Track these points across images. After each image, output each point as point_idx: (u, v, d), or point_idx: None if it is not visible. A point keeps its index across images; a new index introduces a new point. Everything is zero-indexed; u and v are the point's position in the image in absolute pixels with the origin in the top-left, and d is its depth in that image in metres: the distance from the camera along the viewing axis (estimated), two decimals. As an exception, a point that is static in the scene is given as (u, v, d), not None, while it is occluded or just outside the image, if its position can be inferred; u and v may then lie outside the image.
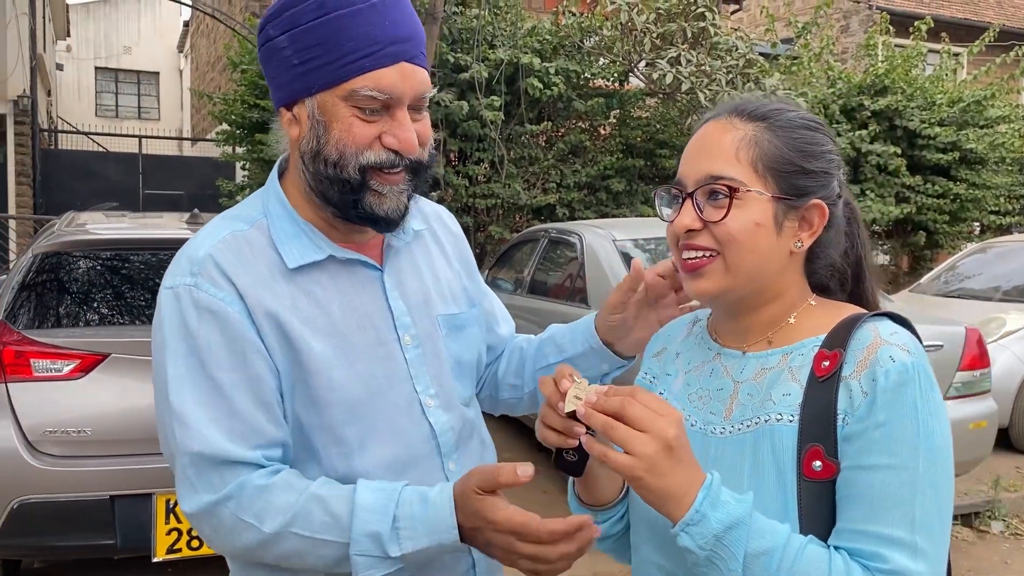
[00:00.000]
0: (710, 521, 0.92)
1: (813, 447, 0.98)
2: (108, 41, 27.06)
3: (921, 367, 0.97)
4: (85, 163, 14.83)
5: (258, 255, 1.20)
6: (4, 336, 3.26)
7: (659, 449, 0.92)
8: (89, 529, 3.18)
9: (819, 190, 1.06)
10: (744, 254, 1.03)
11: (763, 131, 1.05)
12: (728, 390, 1.08)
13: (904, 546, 0.93)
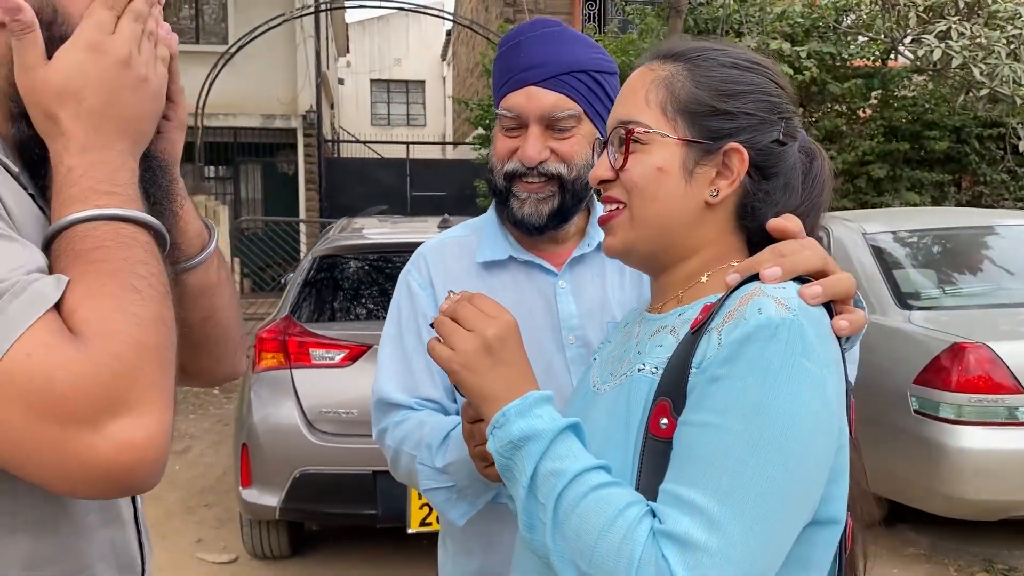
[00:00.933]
0: (512, 427, 0.89)
1: (662, 401, 0.88)
2: (381, 54, 29.55)
3: (795, 325, 0.83)
4: (362, 169, 16.33)
5: (463, 255, 1.43)
6: (289, 329, 3.77)
7: (478, 347, 0.92)
8: (355, 499, 3.60)
9: (740, 133, 0.95)
10: (647, 202, 0.95)
11: (680, 72, 0.97)
12: (630, 351, 1.01)
13: (697, 511, 0.79)
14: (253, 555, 4.09)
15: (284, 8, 13.36)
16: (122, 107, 0.80)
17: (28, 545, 0.79)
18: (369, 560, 4.14)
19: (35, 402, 0.66)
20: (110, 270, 0.73)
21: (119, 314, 0.70)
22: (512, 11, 14.57)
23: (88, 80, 0.78)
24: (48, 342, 0.67)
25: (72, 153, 0.78)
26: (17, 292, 0.68)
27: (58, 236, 0.75)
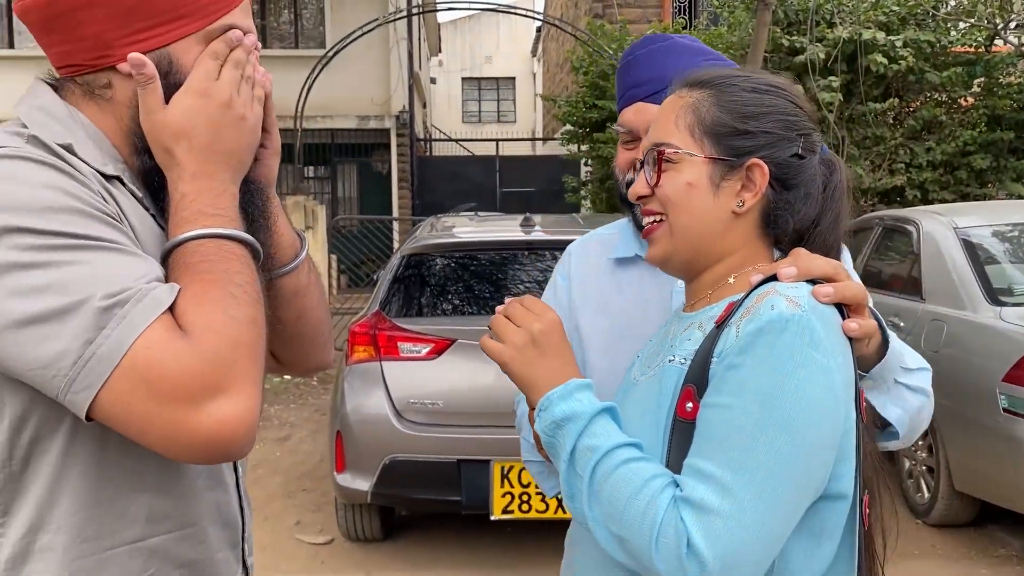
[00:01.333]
0: (554, 409, 1.01)
1: (688, 387, 0.99)
2: (472, 52, 29.95)
3: (803, 321, 0.93)
4: (452, 167, 16.65)
5: (603, 252, 1.55)
6: (380, 324, 3.98)
7: (525, 341, 1.05)
8: (440, 486, 3.79)
9: (760, 150, 1.05)
10: (680, 215, 1.06)
11: (706, 98, 1.08)
12: (665, 346, 1.11)
13: (712, 480, 0.90)
14: (347, 537, 4.33)
15: (378, 12, 13.74)
16: (225, 142, 0.96)
17: (150, 502, 0.96)
18: (455, 544, 4.32)
19: (153, 385, 0.82)
20: (213, 280, 0.88)
21: (219, 316, 0.86)
22: (601, 6, 14.58)
23: (197, 121, 0.95)
24: (163, 338, 0.83)
25: (185, 181, 0.95)
26: (140, 298, 0.83)
27: (173, 251, 0.92)
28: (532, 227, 4.52)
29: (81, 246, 0.84)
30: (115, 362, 0.81)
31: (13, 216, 0.82)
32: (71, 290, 0.81)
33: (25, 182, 0.85)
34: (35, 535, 0.90)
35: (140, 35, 0.95)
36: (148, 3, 0.94)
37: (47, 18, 0.96)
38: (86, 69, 0.98)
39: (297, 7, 15.39)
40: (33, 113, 0.97)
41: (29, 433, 0.89)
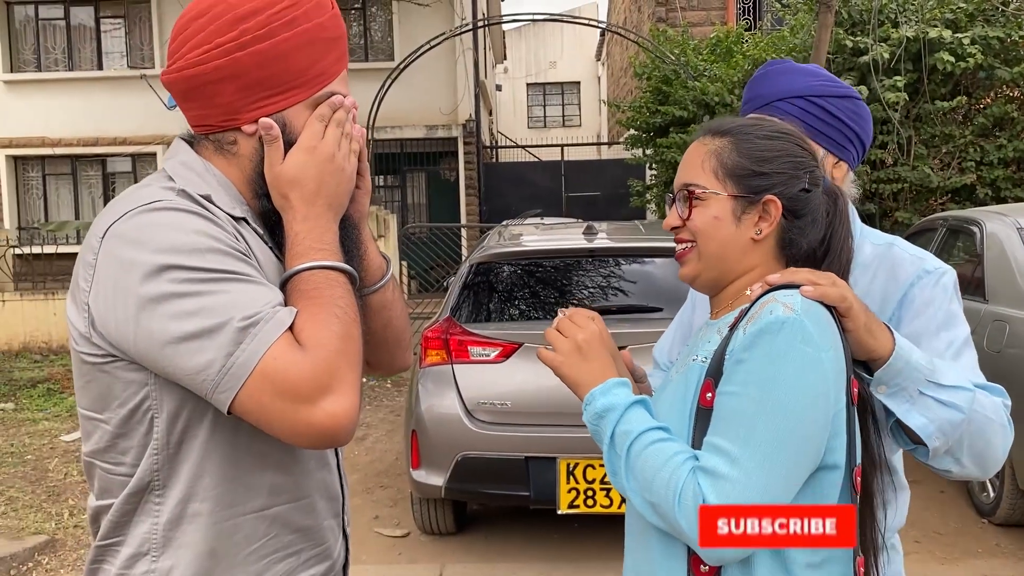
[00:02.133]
0: (596, 403, 1.23)
1: (707, 380, 1.19)
2: (537, 58, 30.16)
3: (797, 323, 1.13)
4: (518, 172, 16.88)
5: None
6: (451, 329, 4.22)
7: (572, 348, 1.27)
8: (509, 482, 4.00)
9: (774, 188, 1.26)
10: (708, 242, 1.28)
11: (726, 144, 1.29)
12: (694, 349, 1.32)
13: (723, 453, 1.11)
14: (423, 531, 4.59)
15: (445, 23, 14.09)
16: (328, 189, 1.19)
17: (272, 478, 1.20)
18: (525, 538, 4.54)
19: (278, 387, 1.05)
20: (320, 303, 1.10)
21: (325, 332, 1.08)
22: (664, 10, 14.66)
23: (307, 173, 1.17)
24: (285, 351, 1.05)
25: (297, 221, 1.17)
26: (268, 319, 1.05)
27: (290, 279, 1.15)
28: (595, 235, 4.72)
29: (222, 279, 1.06)
30: (250, 369, 1.04)
31: (171, 256, 1.05)
32: (216, 313, 1.04)
33: (179, 228, 1.08)
34: (187, 504, 1.15)
35: (261, 103, 1.18)
36: (268, 79, 1.16)
37: (188, 89, 1.18)
38: (217, 129, 1.21)
39: (366, 21, 15.85)
40: (178, 168, 1.20)
41: (182, 423, 1.13)
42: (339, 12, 1.25)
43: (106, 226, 1.10)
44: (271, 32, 1.15)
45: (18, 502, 5.03)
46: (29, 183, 15.91)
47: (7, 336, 10.21)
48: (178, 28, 1.19)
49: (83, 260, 1.13)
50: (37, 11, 15.70)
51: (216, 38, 1.14)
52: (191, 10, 1.18)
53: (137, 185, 1.21)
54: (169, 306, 1.04)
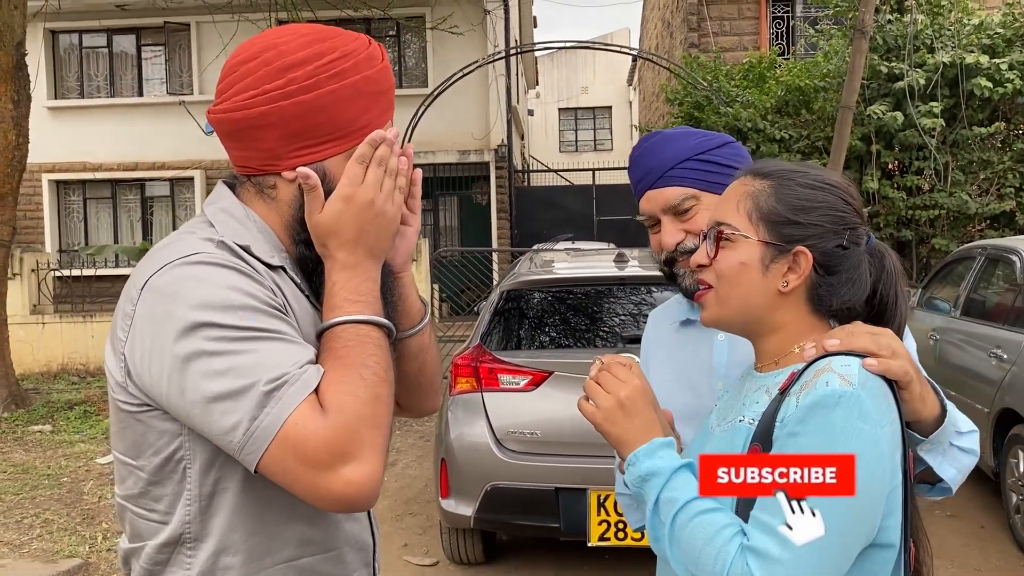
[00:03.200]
0: (641, 465, 1.18)
1: (754, 446, 1.14)
2: (569, 83, 30.32)
3: (854, 397, 1.07)
4: (549, 197, 16.90)
5: (676, 313, 1.74)
6: (481, 357, 4.21)
7: (613, 404, 1.22)
8: (539, 512, 3.97)
9: (807, 239, 1.19)
10: (730, 288, 1.22)
11: (766, 187, 1.23)
12: (738, 402, 1.27)
13: (774, 532, 1.06)
14: (451, 560, 4.56)
15: (478, 51, 14.23)
16: (368, 236, 1.16)
17: (302, 530, 1.20)
18: (554, 569, 4.49)
19: (299, 453, 1.03)
20: (348, 364, 1.09)
21: (348, 398, 1.05)
22: (697, 35, 14.67)
23: (344, 222, 1.15)
24: (307, 415, 1.03)
25: (336, 271, 1.15)
26: (293, 381, 1.04)
27: (324, 333, 1.14)
28: (625, 263, 4.70)
29: (253, 337, 1.06)
30: (273, 434, 1.03)
31: (205, 313, 1.05)
32: (244, 374, 1.04)
33: (215, 284, 1.07)
34: (219, 557, 1.15)
35: (303, 151, 1.17)
36: (311, 129, 1.16)
37: (232, 130, 1.18)
38: (257, 172, 1.21)
39: (401, 47, 16.06)
40: (219, 214, 1.21)
41: (214, 474, 1.14)
42: (389, 64, 1.24)
43: (145, 277, 1.11)
44: (317, 83, 1.14)
45: (53, 525, 5.09)
46: (70, 207, 16.25)
47: (46, 358, 10.39)
48: (228, 68, 1.19)
49: (122, 309, 1.13)
50: (81, 39, 16.11)
51: (263, 84, 1.14)
52: (243, 52, 1.18)
53: (179, 232, 1.22)
54: (200, 364, 1.04)
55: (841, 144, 7.38)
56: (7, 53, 7.64)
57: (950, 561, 4.46)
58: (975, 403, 5.06)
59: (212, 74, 14.98)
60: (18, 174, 7.95)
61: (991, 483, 5.24)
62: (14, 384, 8.28)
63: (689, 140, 1.60)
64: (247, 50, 1.18)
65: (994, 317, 5.21)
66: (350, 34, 1.20)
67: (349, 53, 1.17)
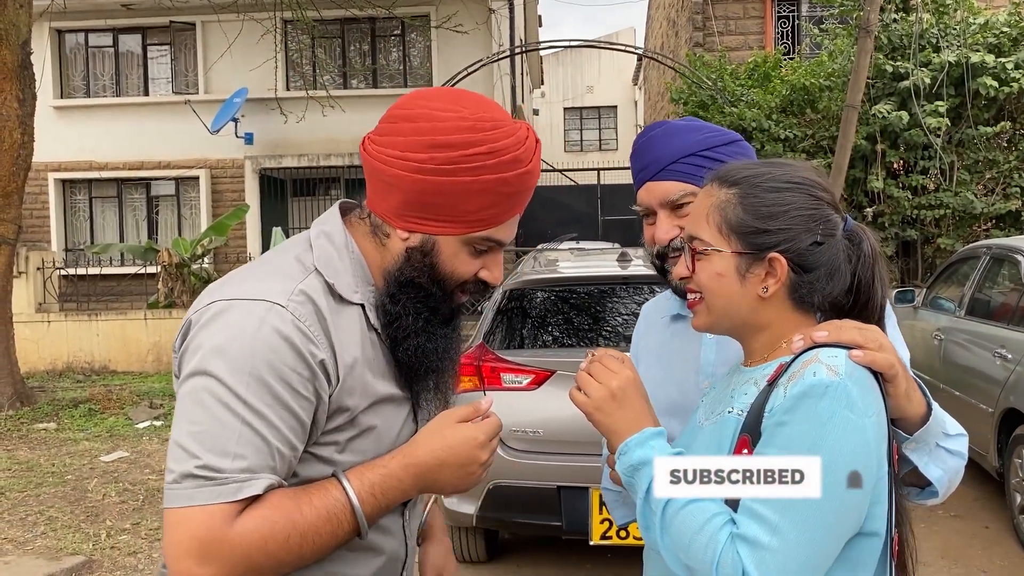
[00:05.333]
0: (632, 455, 1.19)
1: (744, 436, 1.15)
2: (574, 83, 30.31)
3: (841, 387, 1.09)
4: (555, 196, 16.90)
5: (667, 308, 1.73)
6: (483, 355, 4.21)
7: (605, 395, 1.24)
8: (541, 511, 3.97)
9: (780, 244, 1.20)
10: (713, 298, 1.24)
11: (732, 197, 1.23)
12: (726, 396, 1.28)
13: (763, 520, 1.07)
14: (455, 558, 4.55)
15: (483, 50, 14.23)
16: (441, 481, 1.21)
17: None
18: (556, 567, 4.50)
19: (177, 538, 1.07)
20: (297, 521, 1.10)
21: (259, 541, 1.07)
22: (701, 35, 14.65)
23: (445, 464, 1.20)
24: (209, 518, 1.06)
25: (397, 463, 1.19)
26: (224, 482, 1.06)
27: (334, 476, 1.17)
28: (628, 263, 4.70)
29: (236, 411, 1.09)
30: (172, 506, 1.08)
31: (218, 362, 1.10)
32: (202, 441, 1.08)
33: (250, 338, 1.11)
34: None
35: (420, 222, 1.22)
36: (433, 206, 1.20)
37: (371, 173, 1.24)
38: (379, 216, 1.26)
39: (406, 47, 16.06)
40: (320, 238, 1.25)
41: None
42: (534, 169, 1.25)
43: (212, 301, 1.17)
44: (454, 171, 1.18)
45: (57, 522, 5.11)
46: (76, 205, 16.29)
47: (51, 356, 10.42)
48: (391, 115, 1.23)
49: (196, 303, 1.20)
50: (87, 39, 16.15)
51: (408, 151, 1.18)
52: (408, 107, 1.22)
53: (281, 249, 1.28)
54: (189, 405, 1.11)
55: (846, 143, 7.37)
56: (13, 52, 7.66)
57: (954, 561, 4.44)
58: (980, 403, 5.05)
59: (217, 73, 15.02)
60: (23, 173, 7.98)
61: (995, 483, 5.23)
62: (19, 382, 8.31)
63: (695, 135, 1.58)
64: (411, 107, 1.22)
65: (999, 317, 5.20)
66: (509, 129, 1.21)
67: (497, 151, 1.19)
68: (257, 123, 14.62)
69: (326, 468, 1.18)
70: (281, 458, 1.12)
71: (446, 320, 1.30)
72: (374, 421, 1.23)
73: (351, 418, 1.20)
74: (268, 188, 15.27)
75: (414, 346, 1.26)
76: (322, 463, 1.18)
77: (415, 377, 1.28)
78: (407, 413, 1.30)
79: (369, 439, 1.23)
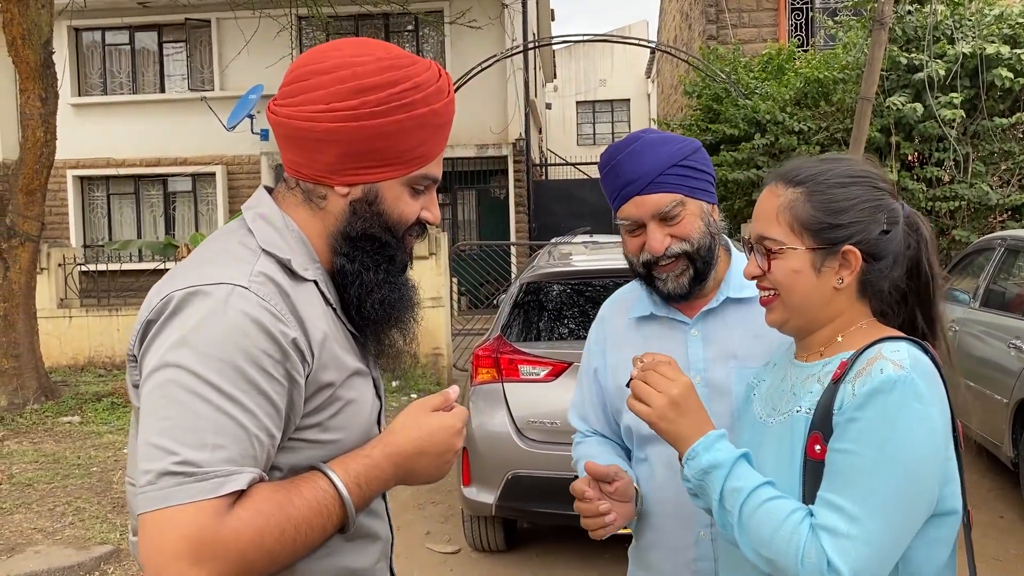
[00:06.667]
0: (701, 459, 1.25)
1: (815, 433, 1.21)
2: (587, 77, 30.27)
3: (908, 381, 1.15)
4: (567, 190, 16.93)
5: (625, 311, 1.77)
6: (501, 348, 4.28)
7: (666, 403, 1.29)
8: (559, 500, 3.98)
9: (852, 236, 1.25)
10: (790, 294, 1.28)
11: (800, 195, 1.28)
12: (787, 390, 1.32)
13: (842, 511, 1.13)
14: (473, 547, 4.64)
15: (496, 46, 14.27)
16: (418, 471, 1.20)
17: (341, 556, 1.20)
18: (576, 556, 4.56)
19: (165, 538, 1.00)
20: (290, 514, 1.05)
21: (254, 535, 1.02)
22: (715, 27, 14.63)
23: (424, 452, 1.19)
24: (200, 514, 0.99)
25: (376, 451, 1.17)
26: (205, 477, 1.00)
27: (317, 469, 1.12)
28: (644, 255, 4.74)
29: (210, 400, 1.03)
30: (154, 507, 1.01)
31: (184, 352, 1.04)
32: (176, 436, 1.02)
33: (217, 323, 1.05)
34: None
35: (360, 171, 1.20)
36: (373, 152, 1.18)
37: (292, 137, 1.19)
38: (308, 180, 1.22)
39: (419, 42, 16.12)
40: (257, 221, 1.21)
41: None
42: (454, 97, 1.26)
43: (167, 292, 1.10)
44: (388, 111, 1.16)
45: (84, 512, 5.22)
46: (94, 202, 16.47)
47: (73, 351, 10.57)
48: (299, 74, 1.19)
49: (139, 318, 1.13)
50: (104, 36, 16.30)
51: (334, 101, 1.15)
52: (317, 61, 1.18)
53: (217, 238, 1.22)
54: (159, 399, 1.04)
55: (860, 136, 7.38)
56: (35, 52, 7.77)
57: (968, 550, 4.48)
58: (994, 394, 5.07)
59: (233, 70, 15.13)
60: (46, 170, 8.09)
61: (1011, 474, 5.25)
62: (44, 376, 8.44)
63: (670, 146, 1.62)
64: (321, 60, 1.18)
65: (1014, 308, 5.21)
66: (423, 63, 1.22)
67: (421, 84, 1.19)
68: (272, 119, 14.71)
69: (315, 451, 1.15)
70: (260, 447, 1.06)
71: (402, 268, 1.28)
72: (352, 394, 1.21)
73: (332, 393, 1.18)
74: (284, 184, 15.35)
75: (379, 299, 1.24)
76: (310, 446, 1.16)
77: (379, 334, 1.26)
78: (372, 387, 1.28)
79: (349, 413, 1.21)
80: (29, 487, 5.74)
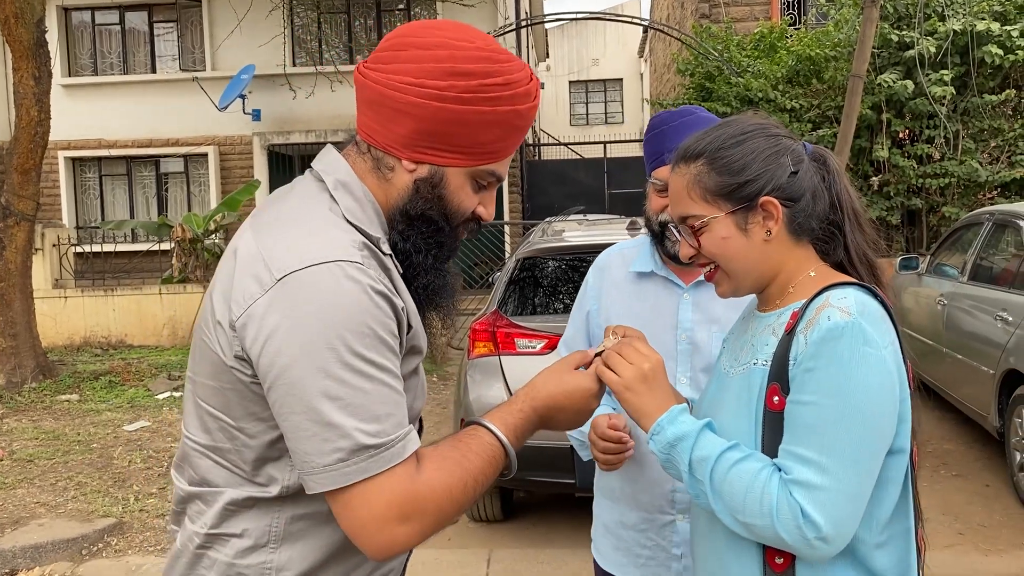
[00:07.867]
0: (666, 432, 1.27)
1: (773, 384, 1.22)
2: (579, 56, 30.18)
3: (856, 326, 1.17)
4: (561, 170, 16.93)
5: (625, 264, 1.89)
6: (498, 322, 4.35)
7: (636, 375, 1.30)
8: (555, 469, 4.11)
9: (765, 187, 1.27)
10: (729, 261, 1.30)
11: (702, 167, 1.30)
12: (747, 342, 1.35)
13: (810, 463, 1.15)
14: (471, 518, 4.73)
15: (488, 24, 14.24)
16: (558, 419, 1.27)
17: None
18: (570, 524, 4.66)
19: (366, 504, 1.08)
20: (468, 467, 1.15)
21: (443, 491, 1.11)
22: (708, 6, 14.63)
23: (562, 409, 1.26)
24: (396, 476, 1.08)
25: (525, 404, 1.24)
26: (391, 445, 1.08)
27: (478, 423, 1.21)
28: (638, 231, 4.80)
29: (369, 374, 1.08)
30: (351, 481, 1.07)
31: (344, 336, 1.07)
32: (351, 412, 1.06)
33: (357, 305, 1.08)
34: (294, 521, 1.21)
35: (431, 152, 1.20)
36: (448, 135, 1.19)
37: (375, 101, 1.19)
38: (379, 146, 1.22)
39: (411, 20, 16.07)
40: (339, 190, 1.21)
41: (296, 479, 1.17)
42: (538, 103, 1.26)
43: (287, 269, 1.10)
44: (474, 100, 1.16)
45: (87, 487, 5.29)
46: (86, 183, 16.41)
47: (69, 331, 10.60)
48: (397, 43, 1.20)
49: (243, 287, 1.12)
50: (94, 17, 16.18)
51: (425, 77, 1.15)
52: (419, 35, 1.19)
53: (304, 203, 1.21)
54: (325, 381, 1.06)
55: (852, 113, 7.43)
56: (28, 30, 7.76)
57: (955, 518, 4.59)
58: (981, 365, 5.17)
59: (224, 50, 15.06)
60: (40, 150, 8.10)
61: (996, 444, 5.37)
62: (41, 355, 8.49)
63: None
64: (422, 35, 1.19)
65: (1001, 281, 5.31)
66: (519, 63, 1.22)
67: (511, 83, 1.19)
68: (264, 99, 14.69)
69: None
70: (404, 404, 1.13)
71: (448, 257, 1.30)
72: (418, 361, 1.27)
73: (416, 361, 1.24)
74: (276, 164, 15.35)
75: (424, 284, 1.25)
76: None
77: (420, 316, 1.27)
78: None
79: (419, 379, 1.27)
80: (30, 463, 5.81)
